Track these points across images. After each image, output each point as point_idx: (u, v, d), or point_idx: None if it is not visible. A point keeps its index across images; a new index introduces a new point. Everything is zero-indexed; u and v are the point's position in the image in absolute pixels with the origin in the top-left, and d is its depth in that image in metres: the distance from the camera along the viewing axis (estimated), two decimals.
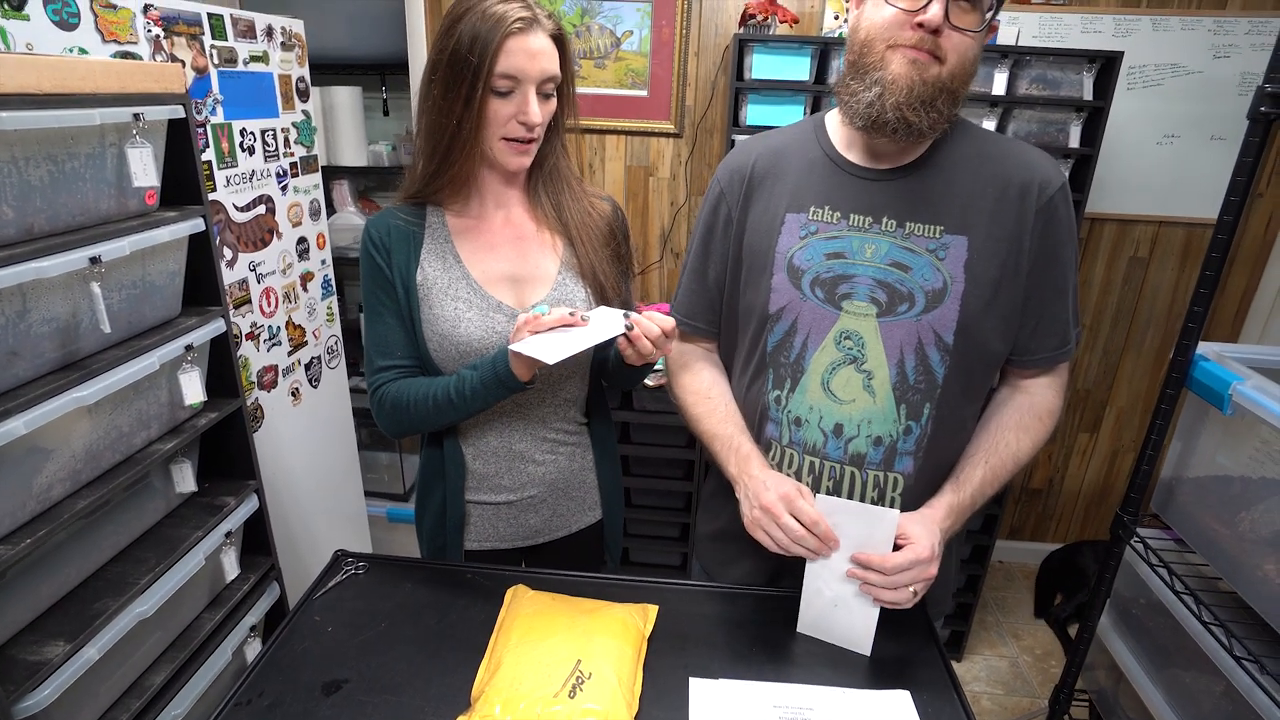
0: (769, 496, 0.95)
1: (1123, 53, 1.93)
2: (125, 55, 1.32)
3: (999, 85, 2.01)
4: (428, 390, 1.09)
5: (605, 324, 1.00)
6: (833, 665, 0.97)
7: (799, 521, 0.93)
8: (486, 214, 1.14)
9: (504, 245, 1.13)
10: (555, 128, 1.12)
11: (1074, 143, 2.05)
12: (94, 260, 0.97)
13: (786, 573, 1.13)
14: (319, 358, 2.06)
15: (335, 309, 2.15)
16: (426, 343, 1.10)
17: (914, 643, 1.02)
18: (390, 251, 1.10)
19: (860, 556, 0.92)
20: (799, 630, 1.01)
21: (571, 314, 0.99)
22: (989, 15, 0.89)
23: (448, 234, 1.12)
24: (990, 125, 2.03)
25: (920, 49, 0.89)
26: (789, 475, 1.04)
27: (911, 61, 0.90)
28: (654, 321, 1.00)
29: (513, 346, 0.98)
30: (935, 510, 0.97)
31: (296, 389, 1.95)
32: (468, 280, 1.10)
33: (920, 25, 0.87)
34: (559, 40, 1.03)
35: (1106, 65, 1.97)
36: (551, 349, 0.95)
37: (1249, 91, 1.16)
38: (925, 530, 0.93)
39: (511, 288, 1.12)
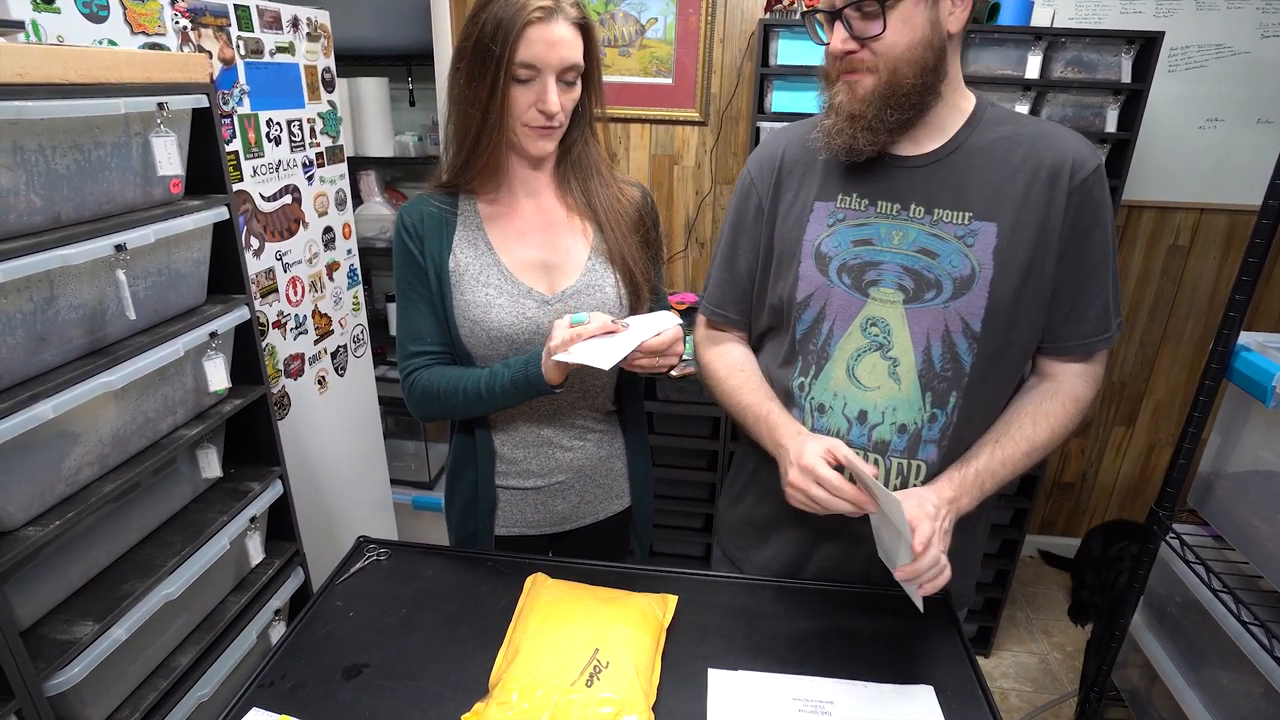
0: (808, 458, 0.92)
1: (1164, 33, 1.86)
2: (153, 47, 1.34)
3: (1033, 68, 1.95)
4: (458, 382, 1.10)
5: (646, 326, 1.01)
6: (854, 658, 0.95)
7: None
8: (517, 201, 1.14)
9: (535, 232, 1.14)
10: (582, 114, 1.11)
11: (1111, 127, 1.98)
12: (119, 248, 0.98)
13: (809, 562, 1.11)
14: (345, 346, 2.08)
15: (361, 298, 2.17)
16: (458, 328, 1.11)
17: (937, 637, 1.00)
18: (423, 238, 1.10)
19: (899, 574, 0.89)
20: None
21: (613, 322, 1.00)
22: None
23: (479, 221, 1.13)
24: (1023, 109, 1.97)
25: (849, 72, 0.93)
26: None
27: (847, 86, 0.93)
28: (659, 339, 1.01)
29: (559, 357, 0.98)
30: (935, 483, 0.95)
31: (323, 377, 1.97)
32: (499, 267, 1.11)
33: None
34: (584, 28, 1.03)
35: (1146, 46, 1.90)
36: (603, 354, 0.96)
37: None
38: (919, 510, 0.88)
39: (542, 274, 1.13)
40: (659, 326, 1.01)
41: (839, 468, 0.91)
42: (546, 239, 1.14)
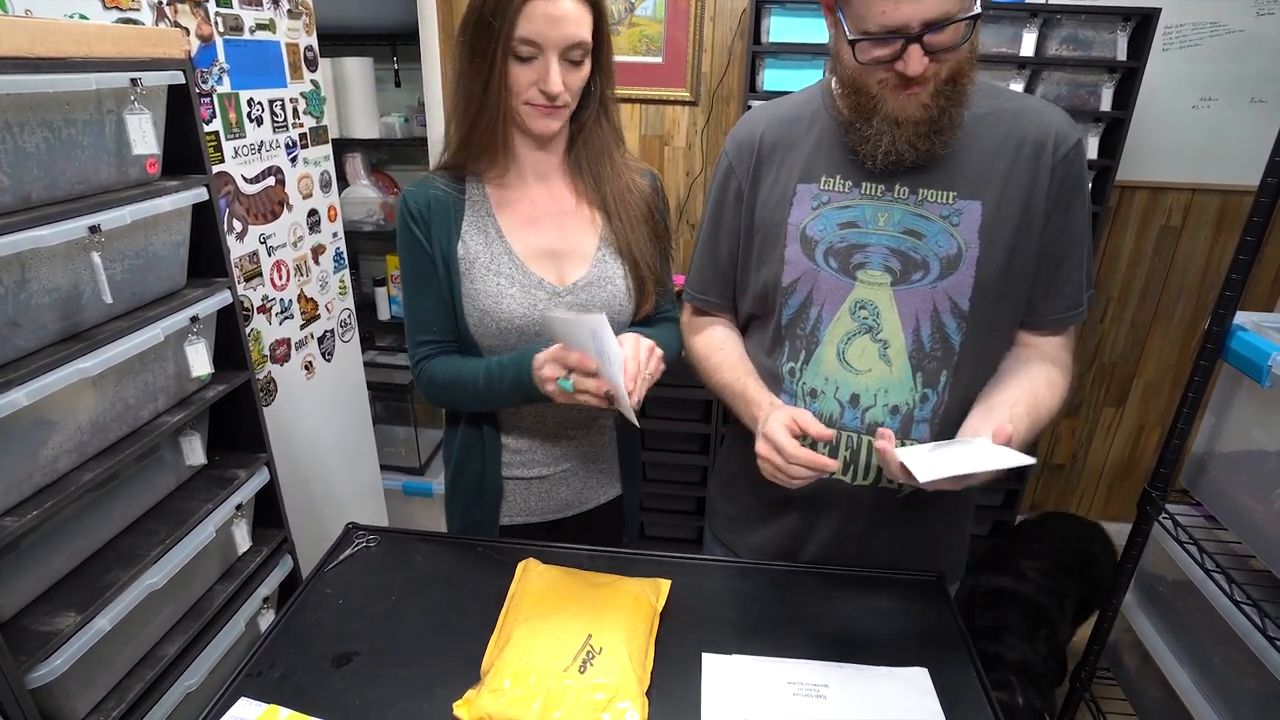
0: (768, 427, 0.93)
1: (1160, 10, 1.84)
2: (127, 22, 1.29)
3: (1027, 46, 1.93)
4: (459, 378, 1.08)
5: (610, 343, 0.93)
6: (849, 642, 0.95)
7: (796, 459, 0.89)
8: (527, 185, 1.11)
9: (545, 219, 1.11)
10: (594, 94, 1.07)
11: (1105, 106, 1.97)
12: (93, 229, 0.95)
13: (805, 546, 1.11)
14: (332, 331, 2.05)
15: (348, 282, 2.13)
16: (466, 318, 1.08)
17: (931, 619, 1.00)
18: (430, 224, 1.07)
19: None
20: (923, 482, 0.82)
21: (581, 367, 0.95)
22: (970, 12, 0.82)
23: (489, 207, 1.09)
24: (1018, 88, 1.95)
25: (910, 87, 0.86)
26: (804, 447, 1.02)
27: (907, 98, 0.87)
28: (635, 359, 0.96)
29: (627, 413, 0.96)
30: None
31: (309, 362, 1.95)
32: (510, 255, 1.08)
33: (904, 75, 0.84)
34: (593, 4, 0.98)
35: (1142, 24, 1.89)
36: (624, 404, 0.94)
37: None
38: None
39: (552, 263, 1.10)
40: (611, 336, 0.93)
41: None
42: (557, 226, 1.11)
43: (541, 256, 1.10)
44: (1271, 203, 1.13)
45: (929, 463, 0.83)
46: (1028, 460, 0.81)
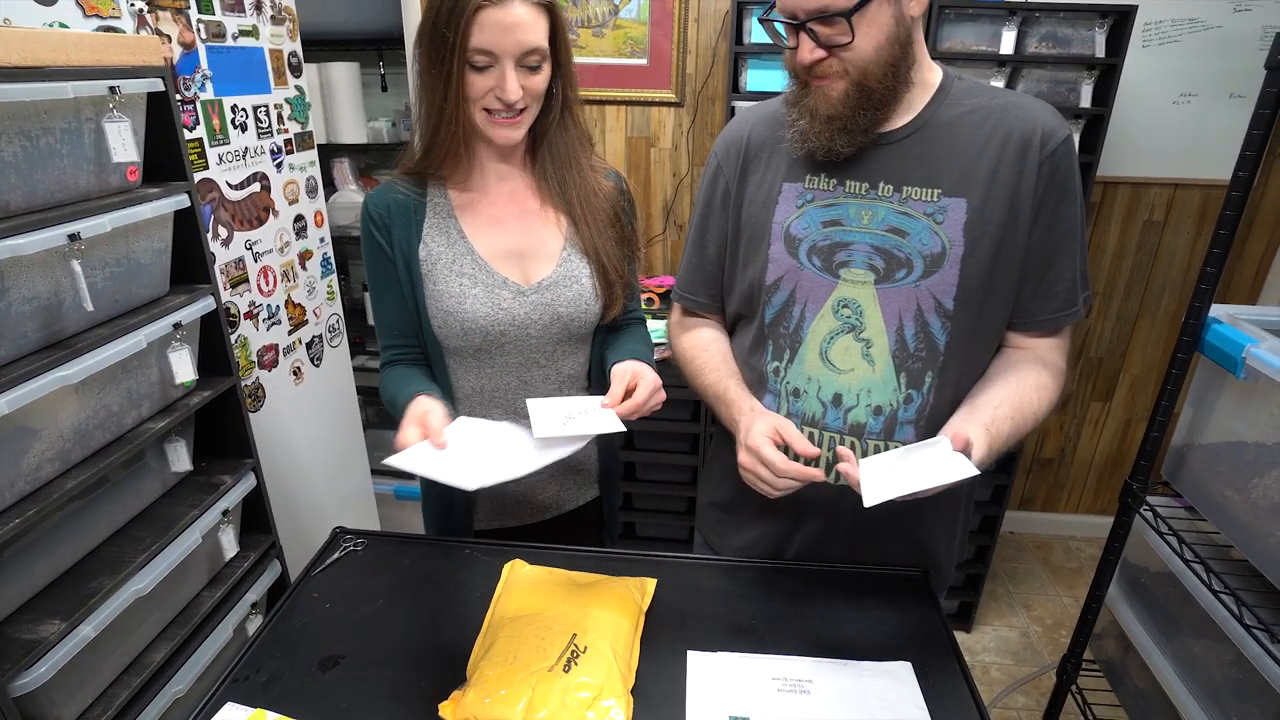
0: (753, 438, 0.93)
1: (1137, 6, 1.86)
2: (108, 30, 1.29)
3: (1007, 44, 1.95)
4: (388, 398, 1.08)
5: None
6: (833, 637, 0.96)
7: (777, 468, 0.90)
8: (489, 188, 1.11)
9: (509, 219, 1.11)
10: (554, 98, 1.07)
11: (1085, 103, 1.98)
12: (73, 237, 0.95)
13: (790, 545, 1.11)
14: (320, 336, 2.05)
15: (336, 287, 2.13)
16: (430, 320, 1.08)
17: (916, 613, 1.01)
18: (390, 229, 1.07)
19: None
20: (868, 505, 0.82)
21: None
22: (846, 6, 0.84)
23: (451, 208, 1.09)
24: (998, 85, 1.97)
25: (819, 77, 0.91)
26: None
27: (820, 91, 0.91)
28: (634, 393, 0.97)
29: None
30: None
31: (298, 368, 1.94)
32: (472, 255, 1.08)
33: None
34: (547, 7, 0.98)
35: (1120, 20, 1.90)
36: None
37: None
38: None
39: (516, 263, 1.10)
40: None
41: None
42: (521, 226, 1.11)
43: (506, 257, 1.09)
44: (1243, 197, 1.15)
45: (880, 481, 0.82)
46: (973, 472, 0.81)
